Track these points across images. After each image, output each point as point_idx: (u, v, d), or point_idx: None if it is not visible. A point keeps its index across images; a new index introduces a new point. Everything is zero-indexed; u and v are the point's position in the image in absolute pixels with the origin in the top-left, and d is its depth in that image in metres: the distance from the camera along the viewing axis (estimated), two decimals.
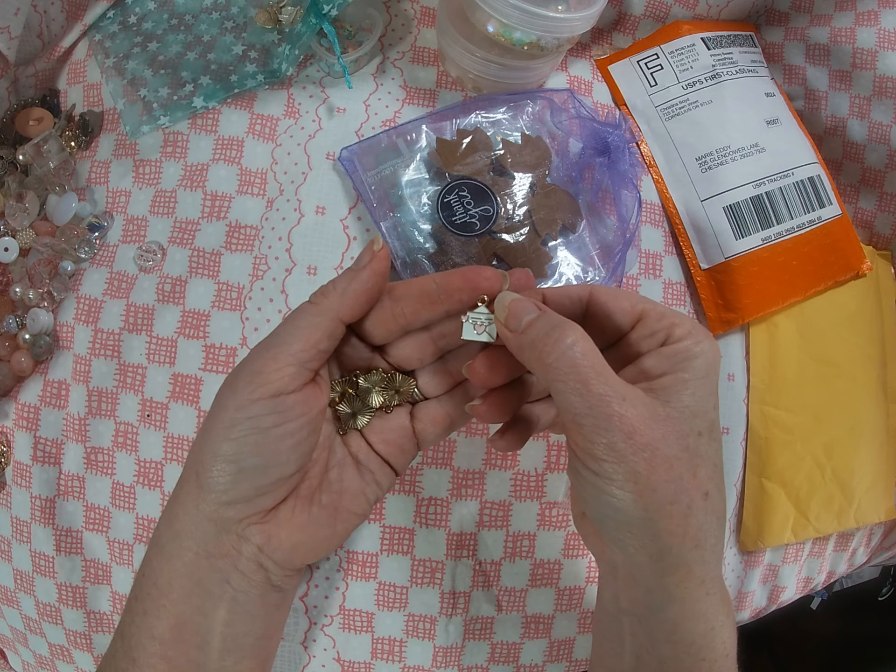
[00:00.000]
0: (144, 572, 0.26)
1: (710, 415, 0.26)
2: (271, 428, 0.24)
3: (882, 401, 0.44)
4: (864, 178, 0.45)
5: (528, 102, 0.39)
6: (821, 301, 0.43)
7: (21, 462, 0.36)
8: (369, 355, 0.29)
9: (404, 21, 0.40)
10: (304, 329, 0.25)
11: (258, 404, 0.24)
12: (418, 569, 0.35)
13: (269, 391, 0.24)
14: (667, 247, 0.41)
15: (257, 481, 0.25)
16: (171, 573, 0.25)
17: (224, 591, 0.26)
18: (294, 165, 0.37)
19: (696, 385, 0.25)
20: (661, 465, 0.23)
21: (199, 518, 0.25)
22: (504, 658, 0.37)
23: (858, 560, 0.47)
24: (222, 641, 0.26)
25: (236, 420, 0.24)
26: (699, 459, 0.24)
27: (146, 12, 0.40)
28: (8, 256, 0.37)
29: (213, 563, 0.25)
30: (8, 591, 0.38)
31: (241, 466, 0.25)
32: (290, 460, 0.25)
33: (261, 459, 0.25)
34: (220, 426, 0.25)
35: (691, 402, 0.25)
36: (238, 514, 0.25)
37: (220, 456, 0.24)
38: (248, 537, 0.26)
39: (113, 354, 0.36)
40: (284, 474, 0.25)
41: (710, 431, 0.26)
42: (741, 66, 0.42)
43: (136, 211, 0.37)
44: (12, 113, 0.40)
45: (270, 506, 0.26)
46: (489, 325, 0.27)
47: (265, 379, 0.24)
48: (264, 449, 0.25)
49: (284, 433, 0.25)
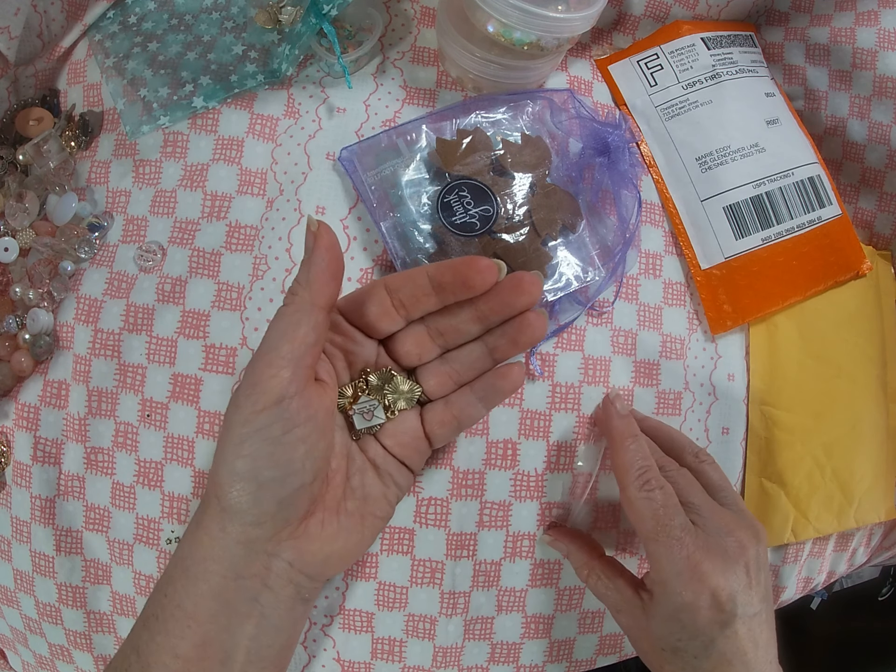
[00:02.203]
0: (167, 592, 0.26)
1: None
2: (281, 436, 0.24)
3: (882, 401, 0.44)
4: (864, 178, 0.45)
5: (528, 102, 0.39)
6: (821, 301, 0.43)
7: (21, 462, 0.36)
8: (375, 352, 0.30)
9: (404, 21, 0.40)
10: (286, 329, 0.25)
11: (263, 415, 0.24)
12: (418, 569, 0.35)
13: (270, 399, 0.24)
14: (667, 247, 0.41)
15: (278, 494, 0.25)
16: (198, 596, 0.25)
17: (252, 608, 0.26)
18: (294, 165, 0.37)
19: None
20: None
21: (227, 542, 0.25)
22: (504, 658, 0.37)
23: (858, 560, 0.47)
24: (246, 654, 0.26)
25: (245, 435, 0.24)
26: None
27: (146, 12, 0.40)
28: (8, 256, 0.37)
29: (242, 583, 0.25)
30: (8, 591, 0.38)
31: (259, 482, 0.24)
32: (306, 467, 0.25)
33: (277, 471, 0.24)
34: (230, 445, 0.24)
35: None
36: (266, 533, 0.25)
37: (236, 475, 0.24)
38: (278, 554, 0.26)
39: (113, 354, 0.36)
40: (304, 482, 0.25)
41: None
42: (741, 66, 0.42)
43: (136, 211, 0.37)
44: (12, 113, 0.40)
45: (296, 518, 0.26)
46: (376, 408, 0.29)
47: (264, 388, 0.24)
48: (279, 459, 0.24)
49: (295, 439, 0.25)
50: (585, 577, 0.34)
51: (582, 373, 0.37)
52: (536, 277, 0.27)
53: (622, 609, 0.32)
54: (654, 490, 0.30)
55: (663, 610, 0.29)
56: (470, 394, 0.30)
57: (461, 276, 0.26)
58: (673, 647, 0.29)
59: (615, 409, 0.34)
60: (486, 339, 0.29)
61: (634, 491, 0.30)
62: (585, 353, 0.38)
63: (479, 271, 0.26)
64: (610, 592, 0.33)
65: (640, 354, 0.39)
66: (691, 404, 0.40)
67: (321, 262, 0.25)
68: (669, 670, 0.30)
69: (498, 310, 0.28)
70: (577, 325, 0.38)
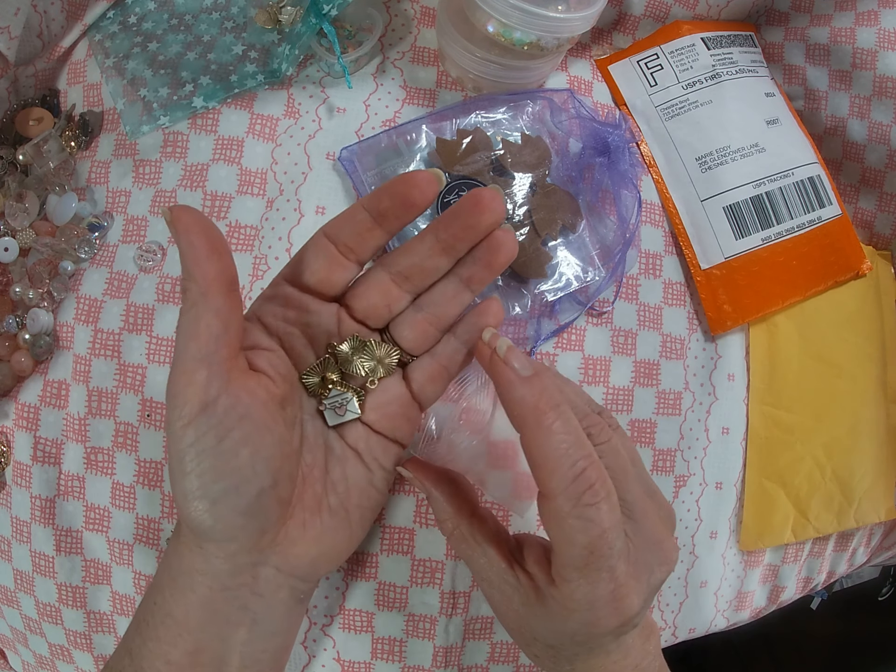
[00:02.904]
0: (156, 600, 0.25)
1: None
2: (217, 444, 0.22)
3: (882, 401, 0.44)
4: (864, 178, 0.45)
5: (528, 102, 0.39)
6: (821, 301, 0.43)
7: (21, 462, 0.36)
8: (335, 317, 0.26)
9: (404, 21, 0.40)
10: (187, 328, 0.22)
11: (191, 427, 0.22)
12: (418, 569, 0.35)
13: (193, 408, 0.22)
14: (667, 247, 0.41)
15: (237, 505, 0.23)
16: (187, 605, 0.24)
17: (243, 616, 0.25)
18: (294, 165, 0.37)
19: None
20: None
21: (207, 557, 0.24)
22: (504, 658, 0.37)
23: (858, 560, 0.47)
24: (240, 660, 0.25)
25: (182, 452, 0.22)
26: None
27: (146, 12, 0.40)
28: (8, 256, 0.37)
29: (230, 594, 0.24)
30: (8, 591, 0.38)
31: (212, 498, 0.22)
32: (258, 471, 0.23)
33: (225, 481, 0.22)
34: (174, 464, 0.22)
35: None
36: (244, 546, 0.24)
37: (188, 494, 0.22)
38: (264, 562, 0.24)
39: (113, 354, 0.36)
40: (262, 486, 0.23)
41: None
42: (741, 66, 0.42)
43: (136, 211, 0.37)
44: (12, 113, 0.39)
45: (271, 525, 0.24)
46: (349, 401, 0.26)
47: (183, 398, 0.22)
48: (223, 469, 0.22)
49: (234, 444, 0.22)
50: (448, 532, 0.27)
51: (582, 373, 0.37)
52: (495, 192, 0.24)
53: (490, 581, 0.26)
54: (599, 504, 0.21)
55: (555, 620, 0.24)
56: (454, 340, 0.27)
57: (399, 197, 0.24)
58: (549, 644, 0.25)
59: (513, 370, 0.22)
60: (456, 271, 0.26)
61: (567, 505, 0.21)
62: (585, 353, 0.38)
63: (415, 185, 0.23)
64: (477, 557, 0.26)
65: (640, 354, 0.39)
66: (691, 404, 0.40)
67: (190, 244, 0.21)
68: (535, 654, 0.26)
69: (461, 235, 0.25)
70: (577, 325, 0.38)
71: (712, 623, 0.42)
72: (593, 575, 0.22)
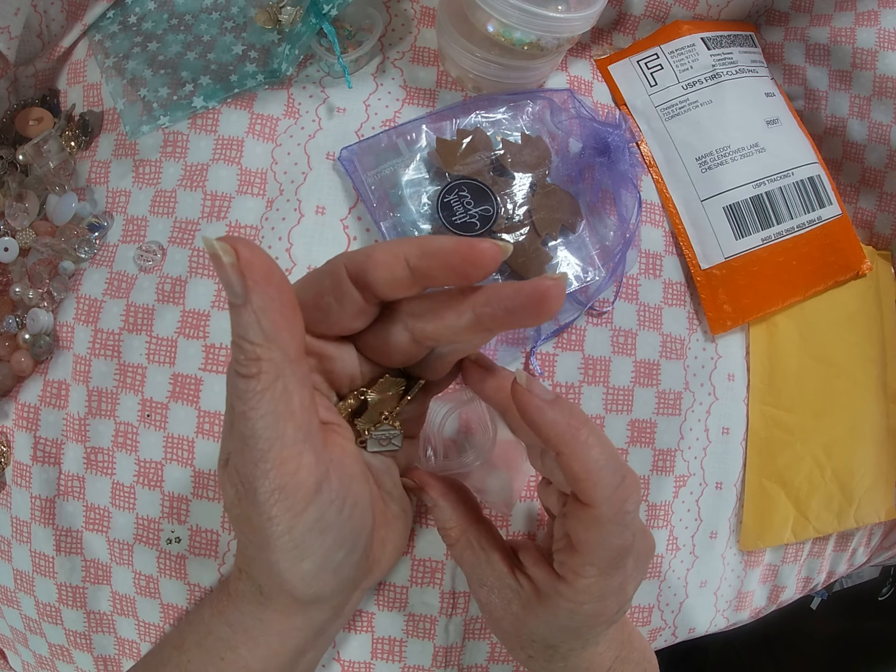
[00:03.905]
0: (224, 656, 0.25)
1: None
2: (338, 516, 0.22)
3: (882, 401, 0.44)
4: (864, 178, 0.45)
5: (528, 102, 0.39)
6: (821, 301, 0.43)
7: (21, 462, 0.36)
8: (356, 358, 0.24)
9: (404, 21, 0.40)
10: (276, 408, 0.19)
11: (309, 511, 0.20)
12: (418, 569, 0.35)
13: (308, 493, 0.20)
14: (667, 247, 0.41)
15: (352, 562, 0.23)
16: (270, 657, 0.25)
17: (318, 644, 0.27)
18: (294, 165, 0.37)
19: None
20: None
21: (309, 615, 0.24)
22: (504, 658, 0.37)
23: (858, 560, 0.47)
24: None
25: (298, 539, 0.21)
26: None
27: (146, 12, 0.40)
28: (8, 256, 0.37)
29: (314, 644, 0.26)
30: (8, 591, 0.38)
31: (333, 567, 0.22)
32: (367, 521, 0.24)
33: (346, 546, 0.22)
34: (283, 553, 0.21)
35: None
36: (346, 596, 0.25)
37: (307, 575, 0.22)
38: (354, 597, 0.27)
39: (113, 354, 0.36)
40: (369, 532, 0.24)
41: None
42: (741, 66, 0.42)
43: (136, 211, 0.37)
44: (12, 113, 0.39)
45: (371, 561, 0.26)
46: (396, 437, 0.26)
47: (294, 486, 0.20)
48: (344, 536, 0.22)
49: (350, 508, 0.22)
50: (453, 540, 0.28)
51: (582, 373, 0.37)
52: (561, 283, 0.20)
53: (490, 586, 0.26)
54: (634, 513, 0.23)
55: (558, 617, 0.24)
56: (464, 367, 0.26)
57: (454, 270, 0.20)
58: (548, 644, 0.26)
59: (537, 396, 0.22)
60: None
61: (609, 512, 0.22)
62: (585, 353, 0.38)
63: (477, 260, 0.20)
64: (481, 563, 0.27)
65: (640, 354, 0.39)
66: (691, 404, 0.40)
67: (270, 300, 0.18)
68: (528, 656, 0.27)
69: (508, 324, 0.21)
70: (577, 325, 0.38)
71: (712, 623, 0.42)
72: (612, 571, 0.23)
